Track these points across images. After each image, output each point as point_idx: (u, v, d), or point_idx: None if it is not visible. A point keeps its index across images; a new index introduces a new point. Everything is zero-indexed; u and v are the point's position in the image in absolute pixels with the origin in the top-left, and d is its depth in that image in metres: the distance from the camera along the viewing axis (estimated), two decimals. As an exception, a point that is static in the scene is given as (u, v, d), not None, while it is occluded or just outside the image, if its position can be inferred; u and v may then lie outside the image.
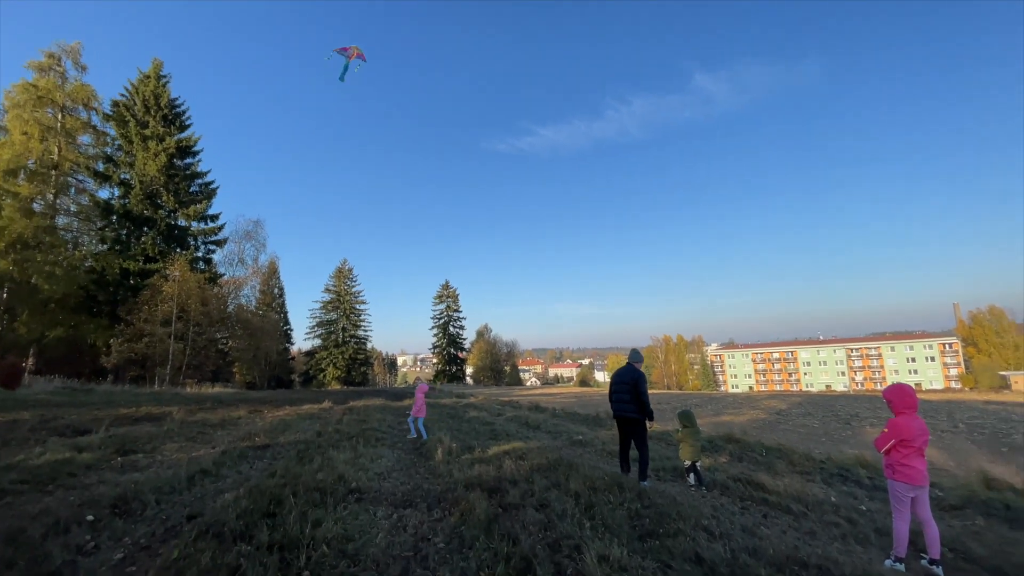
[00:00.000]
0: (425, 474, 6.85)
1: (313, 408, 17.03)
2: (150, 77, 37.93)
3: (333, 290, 70.94)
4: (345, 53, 14.35)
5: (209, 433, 10.13)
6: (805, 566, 3.61)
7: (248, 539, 3.73)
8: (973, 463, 9.71)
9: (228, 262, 49.65)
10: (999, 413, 20.66)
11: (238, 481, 5.98)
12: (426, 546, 4.00)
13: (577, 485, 5.64)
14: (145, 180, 35.10)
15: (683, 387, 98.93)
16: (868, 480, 7.10)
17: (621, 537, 4.07)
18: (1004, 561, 3.94)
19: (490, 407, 20.52)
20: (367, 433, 10.42)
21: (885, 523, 4.36)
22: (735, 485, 6.38)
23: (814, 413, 22.32)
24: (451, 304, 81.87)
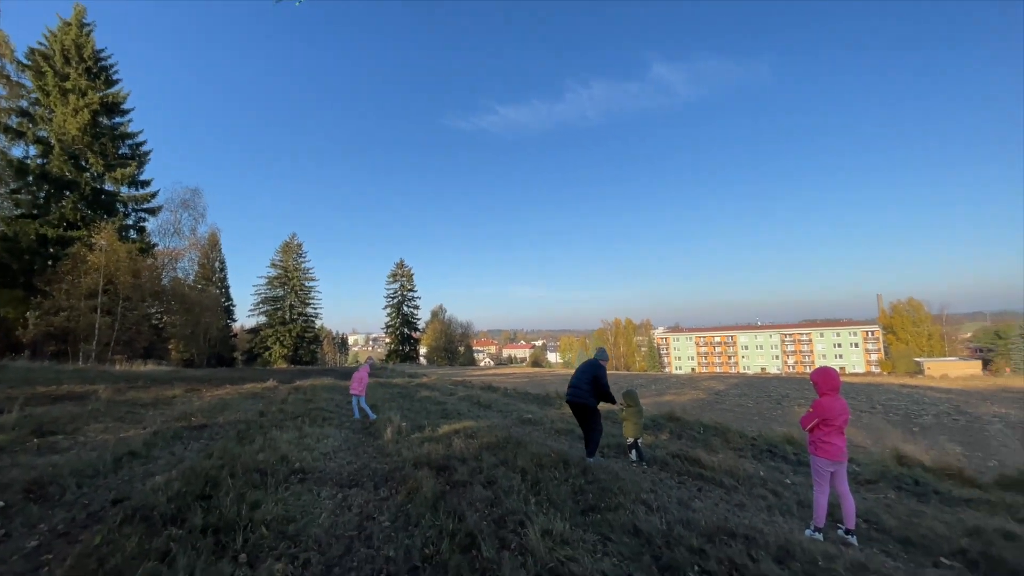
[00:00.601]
0: (373, 453, 6.78)
1: (256, 387, 16.41)
2: (71, 25, 34.27)
3: (280, 265, 68.01)
4: None
5: (140, 413, 9.58)
6: (733, 536, 3.85)
7: (180, 523, 3.57)
8: (887, 441, 10.63)
9: (163, 232, 46.37)
10: (912, 396, 22.64)
11: (171, 463, 5.71)
12: (371, 525, 3.97)
13: (524, 462, 5.75)
14: (66, 138, 31.99)
15: (630, 368, 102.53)
16: (794, 456, 7.63)
17: (564, 512, 4.20)
18: (912, 532, 4.33)
19: (442, 387, 20.49)
20: (313, 413, 10.16)
21: (807, 496, 4.71)
22: (674, 461, 6.69)
23: (749, 394, 23.71)
24: (405, 283, 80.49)
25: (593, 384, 6.59)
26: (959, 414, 16.21)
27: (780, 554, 3.56)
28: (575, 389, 6.69)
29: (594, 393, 6.61)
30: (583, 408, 6.62)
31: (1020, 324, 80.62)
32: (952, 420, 15.02)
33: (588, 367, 6.79)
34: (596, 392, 6.62)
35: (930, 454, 8.29)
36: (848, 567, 3.41)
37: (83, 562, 2.93)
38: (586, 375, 6.68)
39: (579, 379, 6.72)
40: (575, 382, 6.74)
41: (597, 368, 6.70)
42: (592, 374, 6.64)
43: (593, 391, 6.60)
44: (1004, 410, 17.01)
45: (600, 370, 6.67)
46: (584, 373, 6.74)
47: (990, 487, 6.16)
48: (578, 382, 6.70)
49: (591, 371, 6.68)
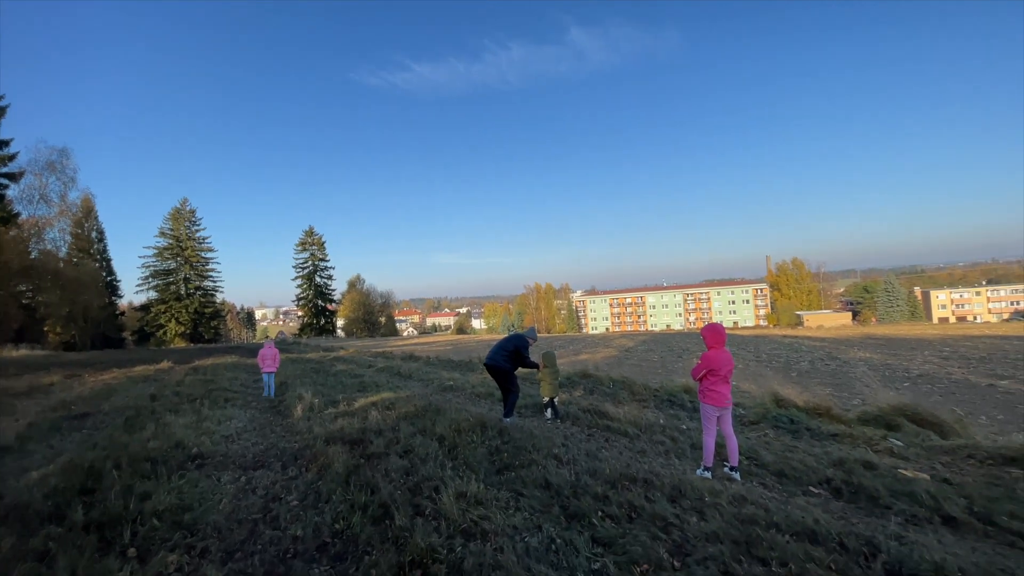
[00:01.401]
0: (281, 432, 6.51)
1: (148, 369, 14.99)
2: None
3: (171, 234, 61.38)
4: None
5: (11, 403, 8.46)
6: (634, 480, 4.18)
7: (59, 520, 3.26)
8: (768, 386, 11.94)
9: (27, 199, 39.82)
10: (792, 345, 25.52)
11: (48, 457, 5.12)
12: (277, 506, 3.84)
13: (443, 429, 5.81)
14: None
15: (551, 331, 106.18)
16: (690, 404, 8.37)
17: (480, 473, 4.32)
18: (786, 465, 4.91)
19: (360, 359, 19.97)
20: (214, 394, 9.50)
21: (699, 439, 5.20)
22: (584, 415, 7.09)
23: (655, 349, 25.57)
24: (316, 252, 76.16)
25: (512, 353, 6.97)
26: (831, 360, 18.54)
27: (673, 493, 3.94)
28: (493, 354, 7.04)
29: (511, 360, 6.96)
30: (499, 371, 6.94)
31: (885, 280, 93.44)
32: (824, 365, 17.17)
33: (513, 338, 7.18)
34: (514, 360, 6.98)
35: (804, 396, 9.39)
36: (731, 500, 3.84)
37: (-70, 578, 2.57)
38: (508, 344, 7.07)
39: (501, 346, 7.10)
40: (496, 348, 7.09)
41: (521, 342, 7.08)
42: (514, 345, 7.03)
43: (510, 358, 6.96)
44: (868, 355, 19.64)
45: (523, 345, 7.06)
46: (507, 342, 7.14)
47: (853, 423, 6.98)
48: (499, 349, 7.05)
49: (514, 342, 7.08)
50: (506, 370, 6.91)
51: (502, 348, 7.03)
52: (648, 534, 3.16)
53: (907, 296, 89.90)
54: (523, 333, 7.35)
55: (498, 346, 7.12)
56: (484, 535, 3.17)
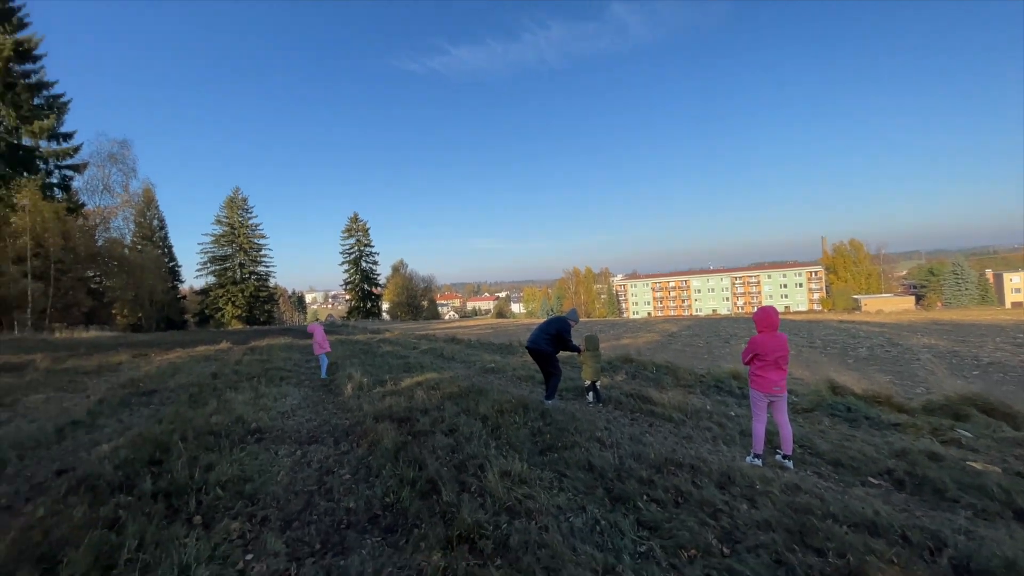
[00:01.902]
0: (334, 409, 6.78)
1: (209, 349, 15.92)
2: (-43, -46, 29.69)
3: (226, 222, 64.53)
4: None
5: (83, 381, 9.16)
6: (680, 465, 4.11)
7: (129, 490, 3.50)
8: (824, 373, 11.43)
9: (91, 190, 42.83)
10: (850, 331, 24.27)
11: (118, 430, 5.52)
12: (331, 479, 4.01)
13: (486, 409, 5.89)
14: (-33, 87, 28.48)
15: (591, 315, 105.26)
16: (739, 390, 8.13)
17: (523, 453, 4.36)
18: (842, 454, 4.70)
19: (405, 341, 20.48)
20: (270, 372, 10.00)
21: (749, 426, 5.05)
22: (627, 400, 7.02)
23: (700, 334, 24.91)
24: (362, 238, 78.24)
25: (555, 337, 6.90)
26: (891, 346, 17.53)
27: (722, 480, 3.84)
28: (535, 337, 6.99)
29: (553, 343, 6.90)
30: (540, 354, 6.90)
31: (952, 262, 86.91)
32: (884, 352, 16.24)
33: (554, 321, 7.09)
34: (556, 343, 6.92)
35: (862, 383, 8.97)
36: (783, 488, 3.72)
37: (27, 534, 2.83)
38: (550, 327, 7.00)
39: (542, 329, 7.03)
40: (537, 331, 7.04)
41: (562, 325, 6.99)
42: (556, 328, 6.95)
43: (552, 342, 6.90)
44: (933, 341, 18.44)
45: (565, 328, 6.96)
46: (549, 325, 7.07)
47: (917, 412, 6.64)
48: (540, 332, 6.99)
49: (556, 325, 7.00)
50: (548, 353, 6.88)
51: (544, 331, 6.98)
52: (696, 519, 3.10)
53: (977, 279, 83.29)
54: (564, 316, 7.25)
55: (540, 329, 7.07)
56: (528, 513, 3.20)
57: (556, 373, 6.93)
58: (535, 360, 7.20)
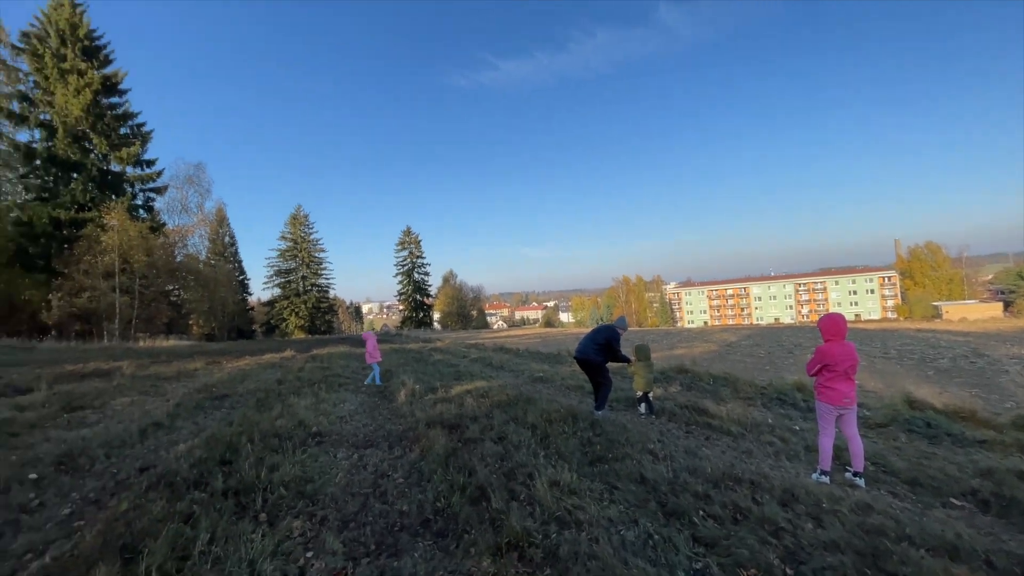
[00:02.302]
0: (388, 415, 6.97)
1: (274, 357, 16.83)
2: (63, 5, 33.41)
3: (289, 237, 68.34)
4: None
5: (163, 386, 9.90)
6: (739, 481, 3.93)
7: (202, 487, 3.74)
8: (900, 385, 10.60)
9: (171, 210, 46.67)
10: (929, 340, 22.41)
11: (193, 432, 5.92)
12: (385, 482, 4.12)
13: (534, 418, 5.88)
14: (69, 120, 31.82)
15: (642, 324, 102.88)
16: (803, 403, 7.67)
17: (572, 463, 4.30)
18: (921, 473, 4.33)
19: (455, 350, 20.81)
20: (330, 379, 10.43)
21: (815, 441, 4.75)
22: (682, 412, 6.78)
23: (761, 344, 23.73)
24: (414, 250, 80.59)
25: (604, 346, 6.75)
26: (976, 357, 16.02)
27: (785, 497, 3.64)
28: (583, 346, 6.87)
29: (602, 353, 6.76)
30: (589, 364, 6.78)
31: (1044, 264, 78.44)
32: (969, 363, 14.86)
33: (603, 329, 6.95)
34: (605, 353, 6.77)
35: (943, 397, 8.24)
36: (853, 507, 3.47)
37: (112, 526, 3.09)
38: (598, 336, 6.85)
39: (591, 338, 6.90)
40: (585, 341, 6.92)
41: (611, 333, 6.82)
42: (605, 336, 6.78)
43: (601, 351, 6.76)
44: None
45: (614, 337, 6.79)
46: (597, 334, 6.92)
47: (1006, 428, 6.05)
48: (589, 341, 6.86)
49: (604, 334, 6.83)
50: (597, 363, 6.75)
51: (592, 340, 6.84)
52: (756, 537, 2.95)
53: (1074, 282, 74.56)
54: (613, 324, 7.08)
55: (588, 338, 6.94)
56: (578, 524, 3.15)
57: (606, 383, 6.80)
58: (584, 370, 7.08)
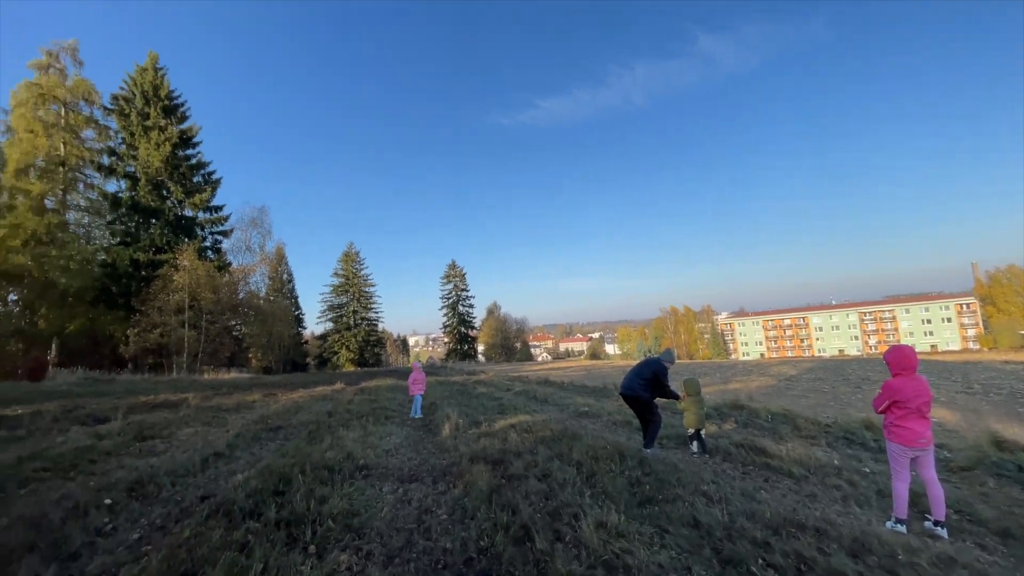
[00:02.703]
0: (432, 449, 7.00)
1: (326, 390, 17.35)
2: (147, 69, 37.63)
3: (341, 274, 71.38)
4: None
5: (224, 417, 10.39)
6: (802, 528, 3.66)
7: (257, 516, 3.86)
8: (985, 424, 9.63)
9: (235, 250, 49.99)
10: (1018, 373, 20.38)
11: (250, 462, 6.16)
12: (429, 518, 4.12)
13: (580, 455, 5.74)
14: (150, 171, 35.21)
15: (693, 357, 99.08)
16: (874, 443, 7.10)
17: (620, 504, 4.15)
18: (1013, 523, 3.89)
19: (499, 383, 20.75)
20: (377, 412, 10.62)
21: (888, 485, 4.38)
22: (737, 451, 6.43)
23: (825, 378, 22.29)
24: (458, 283, 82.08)
25: (651, 381, 6.55)
26: (1076, 392, 14.40)
27: (855, 547, 3.36)
28: (629, 381, 6.69)
29: (649, 388, 6.56)
30: (636, 400, 6.59)
31: None
32: (1068, 399, 13.36)
33: (649, 363, 6.76)
34: (652, 388, 6.57)
35: (1038, 437, 7.41)
36: (934, 561, 3.16)
37: (175, 552, 3.24)
38: (645, 370, 6.66)
39: (637, 373, 6.71)
40: (631, 375, 6.74)
41: (658, 367, 6.63)
42: (652, 371, 6.59)
43: (649, 386, 6.55)
44: None
45: (662, 371, 6.60)
46: (643, 368, 6.73)
47: None
48: (635, 376, 6.68)
49: (651, 368, 6.64)
50: (645, 399, 6.54)
51: (638, 375, 6.64)
52: (822, 591, 2.72)
53: None
54: (660, 357, 6.88)
55: (634, 373, 6.74)
56: (627, 569, 3.02)
57: (655, 420, 6.56)
58: (631, 406, 6.86)
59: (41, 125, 32.03)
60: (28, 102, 32.13)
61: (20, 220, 29.58)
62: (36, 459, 5.93)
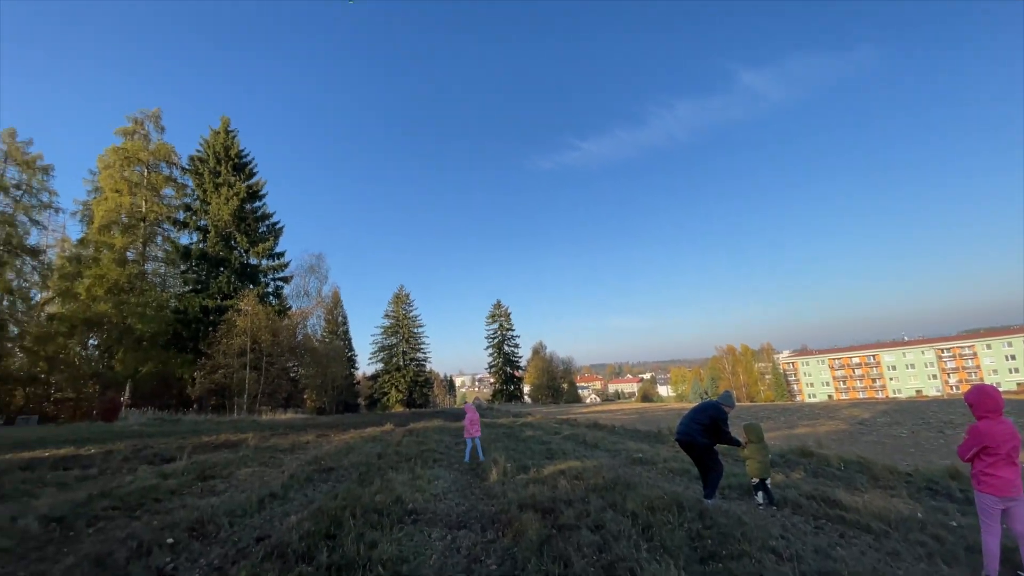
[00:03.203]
0: (480, 495, 6.88)
1: (376, 431, 17.55)
2: (220, 132, 41.57)
3: (392, 315, 73.34)
4: None
5: (280, 458, 10.67)
6: (887, 591, 3.31)
7: (309, 560, 3.89)
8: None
9: (294, 295, 52.72)
10: None
11: (303, 504, 6.26)
12: (478, 568, 4.01)
13: (635, 505, 5.48)
14: (219, 224, 38.22)
15: (754, 399, 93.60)
16: (960, 493, 6.40)
17: (679, 560, 3.91)
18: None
19: (547, 426, 20.31)
20: (425, 454, 10.60)
21: (977, 540, 3.91)
22: (808, 503, 5.94)
23: (902, 422, 20.44)
24: (504, 323, 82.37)
25: (709, 427, 6.19)
26: None
27: (951, 616, 2.99)
28: (685, 427, 6.34)
29: (708, 434, 6.19)
30: (694, 446, 6.23)
31: None
32: None
33: (707, 407, 6.41)
34: (711, 434, 6.20)
35: None
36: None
37: (232, 595, 3.30)
38: (702, 414, 6.30)
39: (692, 418, 6.36)
40: (687, 420, 6.38)
41: (717, 412, 6.25)
42: (710, 415, 6.23)
43: (707, 432, 6.19)
44: None
45: (721, 415, 6.22)
46: (699, 413, 6.37)
47: None
48: (691, 421, 6.32)
49: (709, 412, 6.28)
50: (703, 445, 6.16)
51: (695, 420, 6.28)
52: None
53: None
54: (717, 400, 6.50)
55: (690, 418, 6.38)
56: (690, 633, 2.81)
57: (716, 468, 6.15)
58: (688, 453, 6.49)
59: (126, 185, 35.78)
60: (115, 164, 36.09)
61: (104, 271, 32.67)
62: (105, 497, 6.25)
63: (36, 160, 34.07)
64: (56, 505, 5.72)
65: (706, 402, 6.61)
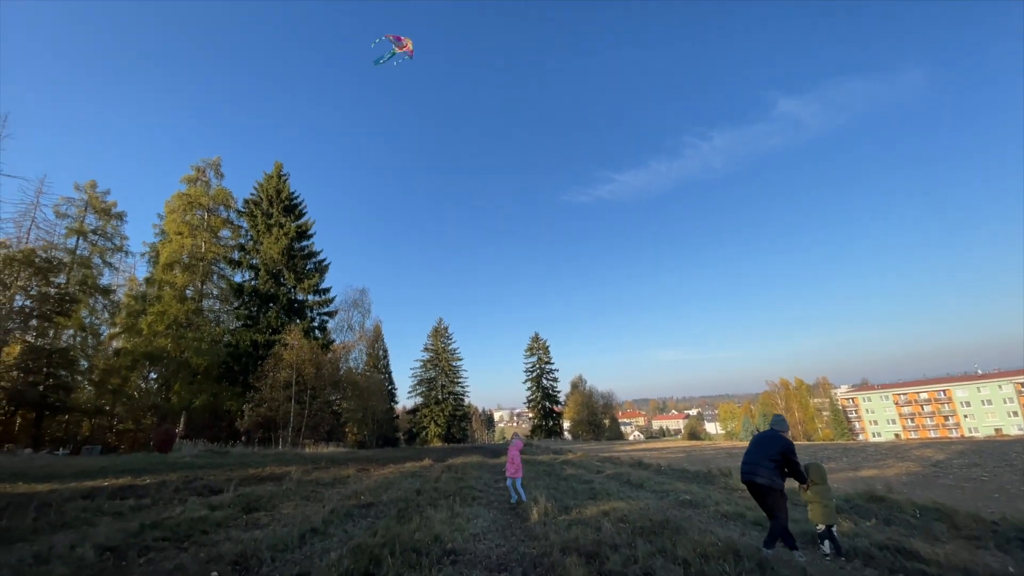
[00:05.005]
0: (521, 536, 6.63)
1: (415, 466, 17.45)
2: (273, 176, 44.26)
3: (431, 349, 74.01)
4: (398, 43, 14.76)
5: (321, 492, 10.72)
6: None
7: (348, 601, 3.81)
8: None
9: (338, 329, 54.26)
10: None
11: (343, 540, 6.20)
12: (520, 616, 3.81)
13: (686, 552, 5.14)
14: (270, 262, 40.19)
15: (811, 437, 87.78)
16: (1066, 549, 5.68)
17: (738, 614, 3.59)
18: None
19: (588, 464, 19.65)
20: (464, 491, 10.41)
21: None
22: (881, 554, 5.40)
23: (982, 464, 18.59)
24: (542, 356, 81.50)
25: (780, 460, 5.69)
26: None
27: None
28: (752, 466, 5.80)
29: (779, 471, 5.69)
30: (764, 488, 5.68)
31: None
32: None
33: (770, 439, 5.92)
34: (782, 470, 5.70)
35: None
36: None
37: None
38: (769, 449, 5.80)
39: (758, 454, 5.85)
40: (752, 458, 5.87)
41: (786, 444, 5.78)
42: (779, 448, 5.75)
43: (779, 469, 5.69)
44: None
45: (791, 447, 5.76)
46: (768, 445, 5.86)
47: None
48: (757, 458, 5.82)
49: (778, 445, 5.79)
50: (776, 487, 5.60)
51: (764, 455, 5.72)
52: None
53: None
54: (775, 429, 6.01)
55: (757, 453, 5.82)
56: None
57: (782, 515, 5.58)
58: (754, 495, 5.91)
59: (188, 227, 38.55)
60: (179, 209, 39.09)
61: (166, 308, 34.88)
62: (156, 528, 6.41)
63: (111, 208, 37.64)
64: (111, 535, 5.89)
65: (767, 433, 6.05)
